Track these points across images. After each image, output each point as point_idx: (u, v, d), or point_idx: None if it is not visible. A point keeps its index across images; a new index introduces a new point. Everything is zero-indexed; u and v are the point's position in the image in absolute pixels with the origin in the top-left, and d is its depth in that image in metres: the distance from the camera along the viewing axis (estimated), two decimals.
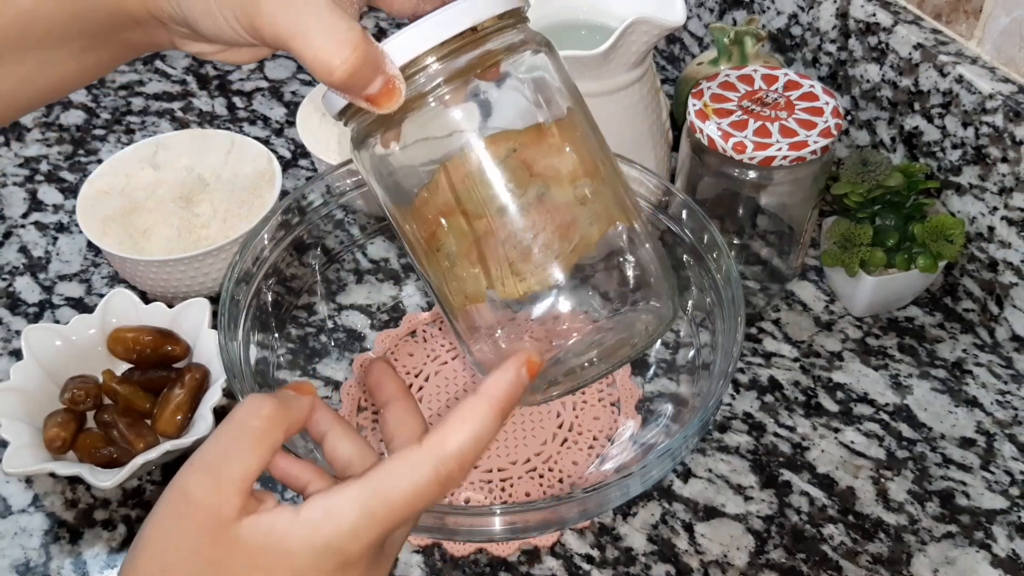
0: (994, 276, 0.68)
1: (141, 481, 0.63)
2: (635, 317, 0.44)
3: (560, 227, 0.40)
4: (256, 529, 0.34)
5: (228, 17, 0.34)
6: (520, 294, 0.40)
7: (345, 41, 0.34)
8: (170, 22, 0.36)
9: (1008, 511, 0.61)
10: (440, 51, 0.38)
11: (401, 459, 0.35)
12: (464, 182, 0.40)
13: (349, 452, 0.39)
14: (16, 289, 0.76)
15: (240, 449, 0.35)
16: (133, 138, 0.89)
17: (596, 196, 0.42)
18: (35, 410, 0.62)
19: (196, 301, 0.67)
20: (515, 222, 0.40)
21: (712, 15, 0.89)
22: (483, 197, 0.40)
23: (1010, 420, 0.66)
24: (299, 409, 0.37)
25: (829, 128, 0.63)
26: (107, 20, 0.36)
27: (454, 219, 0.41)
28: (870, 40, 0.73)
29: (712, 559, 0.58)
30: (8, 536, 0.60)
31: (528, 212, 0.40)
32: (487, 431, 0.36)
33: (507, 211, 0.40)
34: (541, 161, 0.41)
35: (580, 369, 0.44)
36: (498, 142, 0.40)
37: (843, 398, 0.67)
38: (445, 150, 0.40)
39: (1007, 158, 0.65)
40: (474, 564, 0.58)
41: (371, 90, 0.36)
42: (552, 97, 0.42)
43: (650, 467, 0.49)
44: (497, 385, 0.36)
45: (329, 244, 0.68)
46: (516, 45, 0.41)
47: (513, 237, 0.40)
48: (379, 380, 0.42)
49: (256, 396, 0.36)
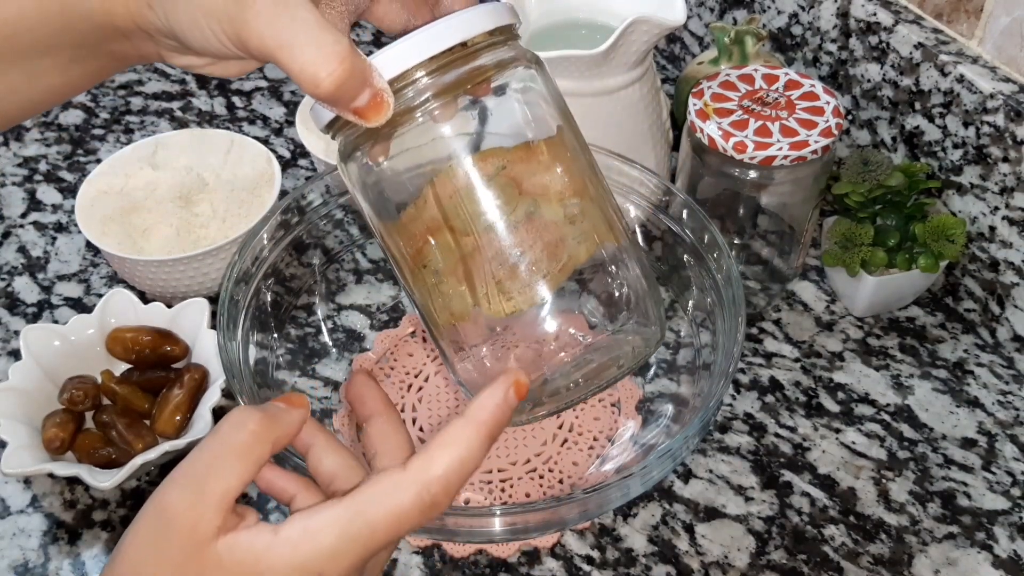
0: (995, 276, 0.68)
1: (140, 482, 0.62)
2: (622, 338, 0.43)
3: (548, 246, 0.40)
4: (233, 547, 0.33)
5: (216, 30, 0.34)
6: (506, 312, 0.40)
7: (332, 54, 0.34)
8: (157, 34, 0.36)
9: (1009, 512, 0.60)
10: (429, 66, 0.38)
11: (385, 482, 0.34)
12: (452, 198, 0.40)
13: (334, 466, 0.38)
14: (15, 289, 0.75)
15: (223, 464, 0.34)
16: (132, 138, 0.89)
17: (585, 215, 0.41)
18: (34, 410, 0.62)
19: (195, 301, 0.66)
20: (503, 240, 0.40)
21: (712, 14, 0.89)
22: (471, 214, 0.40)
23: (1011, 420, 0.65)
24: (288, 424, 0.37)
25: (830, 128, 0.63)
26: (94, 32, 0.36)
27: (441, 235, 0.40)
28: (871, 39, 0.73)
29: (713, 560, 0.58)
30: (7, 537, 0.60)
31: (516, 230, 0.40)
32: (473, 456, 0.35)
33: (495, 228, 0.40)
34: (530, 179, 0.40)
35: (566, 390, 0.43)
36: (487, 159, 0.40)
37: (844, 398, 0.67)
38: (433, 166, 0.40)
39: (1008, 158, 0.64)
40: (474, 565, 0.58)
41: (358, 103, 0.36)
42: (542, 115, 0.42)
43: (650, 468, 0.49)
44: (484, 408, 0.36)
45: (328, 244, 0.67)
46: (506, 62, 0.40)
47: (500, 255, 0.40)
48: (360, 394, 0.41)
49: (242, 409, 0.36)
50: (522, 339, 0.41)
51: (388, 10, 0.42)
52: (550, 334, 0.40)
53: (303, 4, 0.34)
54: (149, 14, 0.35)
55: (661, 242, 0.64)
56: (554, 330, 0.40)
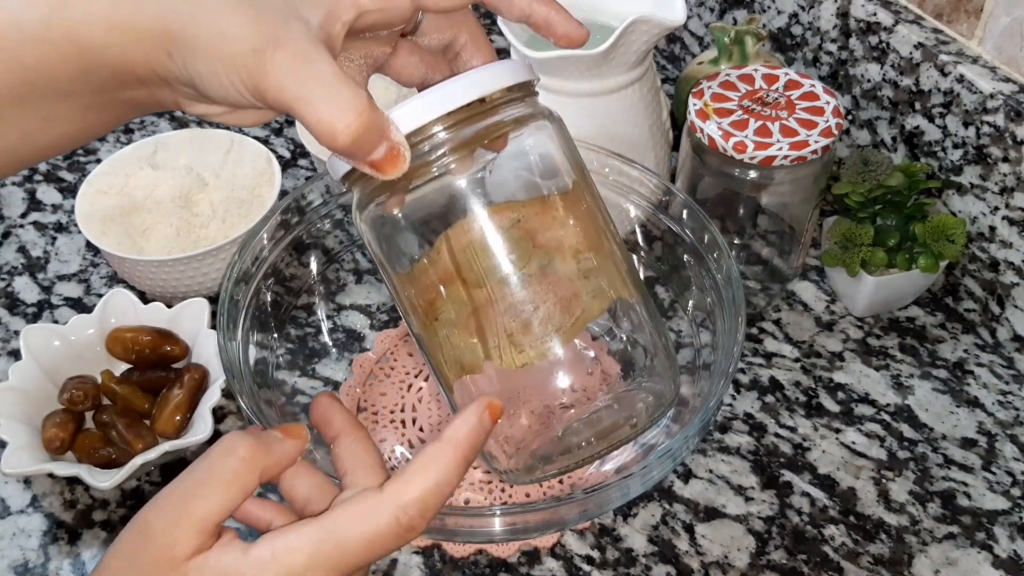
0: (995, 276, 0.68)
1: (140, 482, 0.62)
2: (635, 396, 0.43)
3: (562, 300, 0.40)
4: (203, 566, 0.34)
5: (234, 80, 0.34)
6: (518, 365, 0.40)
7: (350, 107, 0.34)
8: (176, 83, 0.36)
9: (1009, 512, 0.60)
10: (447, 121, 0.38)
11: (360, 504, 0.35)
12: (466, 251, 0.40)
13: (307, 489, 0.38)
14: (15, 289, 0.75)
15: (207, 488, 0.35)
16: (132, 137, 0.89)
17: (599, 270, 0.41)
18: (33, 410, 0.62)
19: (195, 301, 0.66)
20: (516, 293, 0.40)
21: (712, 14, 0.89)
22: (485, 267, 0.40)
23: (1011, 420, 0.65)
24: (281, 454, 0.37)
25: (830, 128, 0.63)
26: (112, 79, 0.36)
27: (454, 288, 0.40)
28: (871, 39, 0.73)
29: (713, 560, 0.58)
30: (7, 537, 0.60)
31: (530, 284, 0.40)
32: (450, 478, 0.36)
33: (508, 282, 0.39)
34: (545, 233, 0.40)
35: (576, 448, 0.43)
36: (502, 212, 0.40)
37: (844, 398, 0.67)
38: (448, 218, 0.40)
39: (1008, 158, 0.64)
40: (474, 565, 0.58)
41: (375, 156, 0.36)
42: (558, 169, 0.42)
43: (650, 468, 0.49)
44: (460, 431, 0.36)
45: (328, 244, 0.67)
46: (524, 118, 0.40)
47: (513, 308, 0.40)
48: (325, 415, 0.41)
49: (235, 435, 0.36)
50: (533, 395, 0.41)
51: (406, 64, 0.42)
52: (562, 390, 0.40)
53: (322, 57, 0.34)
54: (168, 63, 0.35)
55: (661, 242, 0.64)
56: (566, 385, 0.40)
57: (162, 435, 0.62)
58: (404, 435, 0.64)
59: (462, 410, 0.37)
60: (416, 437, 0.64)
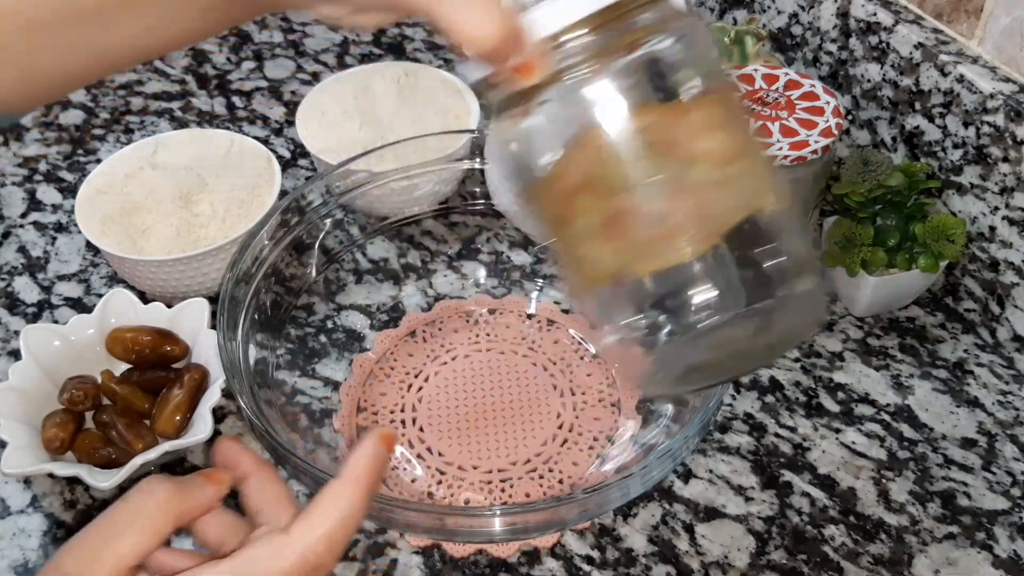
0: (995, 276, 0.68)
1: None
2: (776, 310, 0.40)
3: (700, 207, 0.38)
4: None
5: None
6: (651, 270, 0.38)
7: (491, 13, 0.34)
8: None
9: (1010, 512, 0.60)
10: (583, 26, 0.37)
11: (267, 545, 0.35)
12: (601, 157, 0.38)
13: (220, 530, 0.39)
14: (15, 289, 0.75)
15: (122, 532, 0.35)
16: (132, 138, 0.89)
17: (739, 176, 0.39)
18: (33, 410, 0.62)
19: (195, 301, 0.66)
20: (652, 200, 0.38)
21: (712, 14, 0.89)
22: (620, 173, 0.38)
23: (1012, 420, 0.65)
24: (198, 499, 0.38)
25: (830, 128, 0.63)
26: None
27: (588, 195, 0.39)
28: (871, 39, 0.73)
29: (713, 560, 0.58)
30: (7, 537, 0.60)
31: (666, 190, 0.38)
32: (354, 512, 0.37)
33: (644, 188, 0.38)
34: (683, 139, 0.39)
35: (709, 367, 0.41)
36: (638, 118, 0.38)
37: (844, 398, 0.67)
38: (582, 125, 0.39)
39: (1008, 158, 0.64)
40: (474, 565, 0.58)
41: (514, 61, 0.36)
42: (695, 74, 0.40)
43: (651, 468, 0.49)
44: (358, 465, 0.38)
45: (328, 244, 0.68)
46: (660, 20, 0.39)
47: (649, 215, 0.38)
48: (228, 457, 0.41)
49: (154, 479, 0.37)
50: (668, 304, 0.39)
51: None
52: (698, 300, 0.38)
53: None
54: None
55: None
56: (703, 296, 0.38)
57: (162, 435, 0.62)
58: (404, 435, 0.64)
59: (359, 445, 0.38)
60: (416, 437, 0.64)
